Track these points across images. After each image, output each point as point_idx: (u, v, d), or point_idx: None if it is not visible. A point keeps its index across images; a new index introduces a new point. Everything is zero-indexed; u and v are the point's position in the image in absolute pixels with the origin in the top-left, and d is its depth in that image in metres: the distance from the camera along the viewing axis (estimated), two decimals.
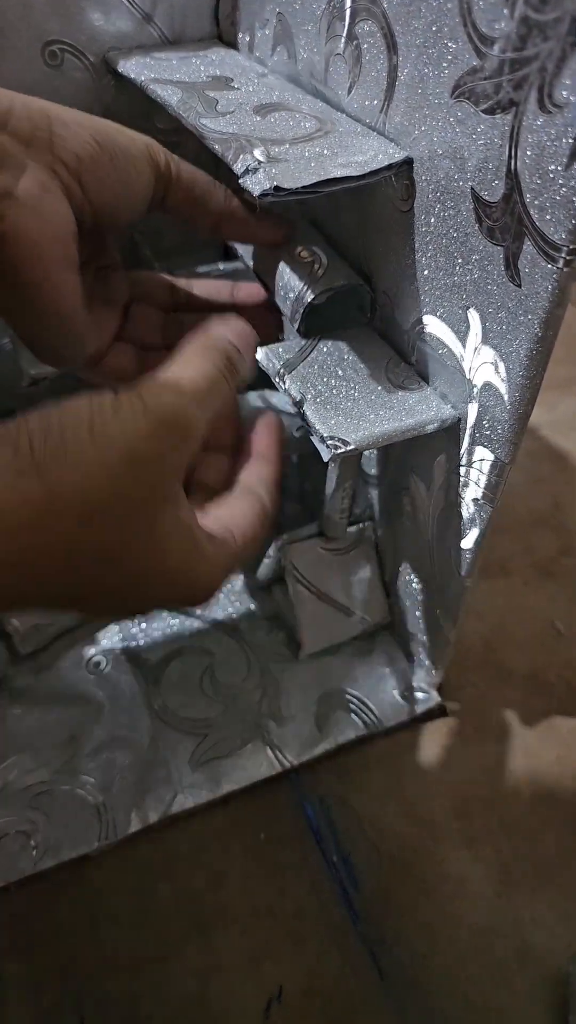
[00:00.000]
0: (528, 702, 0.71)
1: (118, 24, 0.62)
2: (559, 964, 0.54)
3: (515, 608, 0.79)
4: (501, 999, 0.53)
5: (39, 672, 0.71)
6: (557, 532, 0.88)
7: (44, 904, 0.57)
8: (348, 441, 0.48)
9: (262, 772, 0.65)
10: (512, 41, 0.36)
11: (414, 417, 0.51)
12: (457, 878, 0.59)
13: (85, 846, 0.60)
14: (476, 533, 0.55)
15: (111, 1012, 0.52)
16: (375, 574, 0.73)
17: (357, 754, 0.67)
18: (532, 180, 0.37)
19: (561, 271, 0.38)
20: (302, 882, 0.59)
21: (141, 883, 0.58)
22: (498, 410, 0.47)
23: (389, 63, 0.45)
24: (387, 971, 0.54)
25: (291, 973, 0.54)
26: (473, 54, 0.38)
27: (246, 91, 0.53)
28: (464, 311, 0.47)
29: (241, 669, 0.72)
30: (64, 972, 0.54)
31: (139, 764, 0.65)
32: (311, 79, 0.54)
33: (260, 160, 0.43)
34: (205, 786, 0.63)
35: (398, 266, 0.51)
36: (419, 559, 0.65)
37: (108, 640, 0.74)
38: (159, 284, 0.55)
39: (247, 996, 0.53)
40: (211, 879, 0.59)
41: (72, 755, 0.65)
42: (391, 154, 0.45)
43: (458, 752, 0.67)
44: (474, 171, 0.41)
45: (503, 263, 0.42)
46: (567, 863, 0.60)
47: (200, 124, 0.48)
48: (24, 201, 0.40)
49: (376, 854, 0.60)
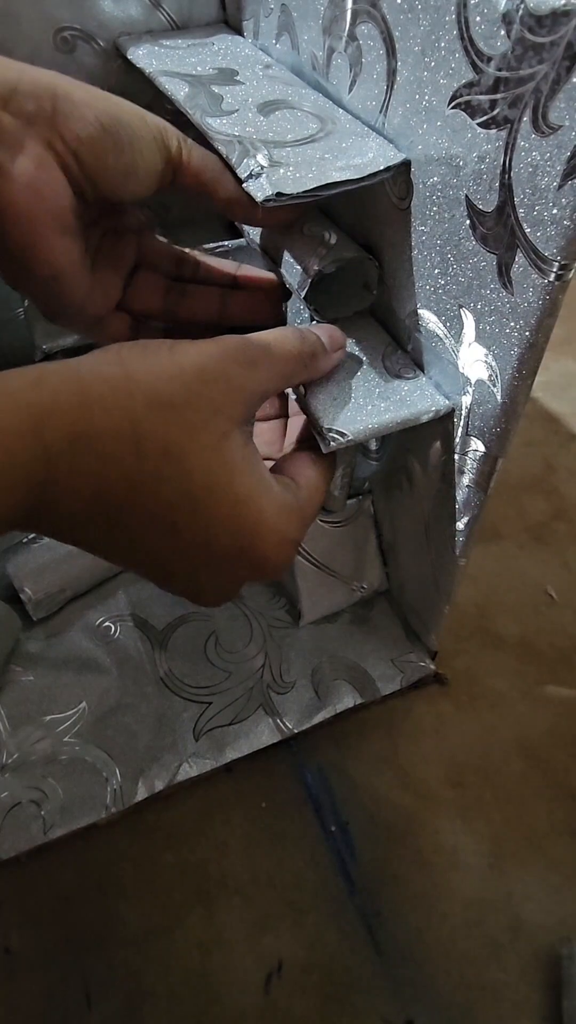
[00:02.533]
0: (521, 670, 0.66)
1: (128, 10, 0.59)
2: (550, 941, 0.51)
3: (507, 573, 0.74)
4: (495, 976, 0.49)
5: (49, 637, 0.67)
6: (549, 496, 0.82)
7: (52, 874, 0.54)
8: (346, 433, 0.45)
9: (264, 740, 0.61)
10: (508, 60, 0.33)
11: (409, 408, 0.48)
12: (450, 849, 0.55)
13: (94, 814, 0.56)
14: (469, 517, 0.52)
15: (116, 986, 0.49)
16: (373, 544, 0.68)
17: (354, 721, 0.63)
18: (525, 195, 0.35)
19: (552, 284, 0.35)
20: (301, 852, 0.55)
21: (147, 852, 0.55)
22: (490, 406, 0.44)
23: (388, 66, 0.41)
24: (383, 946, 0.51)
25: (290, 947, 0.51)
26: (470, 68, 0.35)
27: (251, 86, 0.50)
28: (458, 309, 0.44)
29: (244, 636, 0.68)
30: (71, 944, 0.51)
31: (146, 732, 0.61)
32: (313, 72, 0.50)
33: (263, 165, 0.41)
34: (209, 754, 0.60)
35: (395, 259, 0.48)
36: (415, 532, 0.61)
37: (117, 606, 0.69)
38: (166, 253, 0.51)
39: (248, 970, 0.50)
40: (214, 848, 0.55)
41: (82, 722, 0.61)
42: (390, 157, 0.42)
43: (452, 720, 0.63)
44: (469, 180, 0.38)
45: (496, 270, 0.39)
46: (557, 835, 0.56)
47: (205, 123, 0.45)
48: (18, 178, 0.38)
49: (372, 823, 0.57)
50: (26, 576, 0.65)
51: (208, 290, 0.51)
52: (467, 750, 0.61)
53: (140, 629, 0.68)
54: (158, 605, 0.70)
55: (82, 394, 0.33)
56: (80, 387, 0.33)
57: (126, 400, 0.34)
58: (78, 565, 0.67)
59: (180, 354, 0.36)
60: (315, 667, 0.65)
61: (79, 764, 0.59)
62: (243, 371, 0.38)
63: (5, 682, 0.63)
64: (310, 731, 0.61)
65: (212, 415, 0.36)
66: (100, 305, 0.47)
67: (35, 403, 0.32)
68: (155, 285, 0.51)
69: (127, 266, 0.49)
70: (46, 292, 0.44)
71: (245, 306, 0.52)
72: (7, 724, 0.61)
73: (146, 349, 0.36)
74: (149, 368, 0.35)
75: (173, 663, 0.65)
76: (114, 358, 0.35)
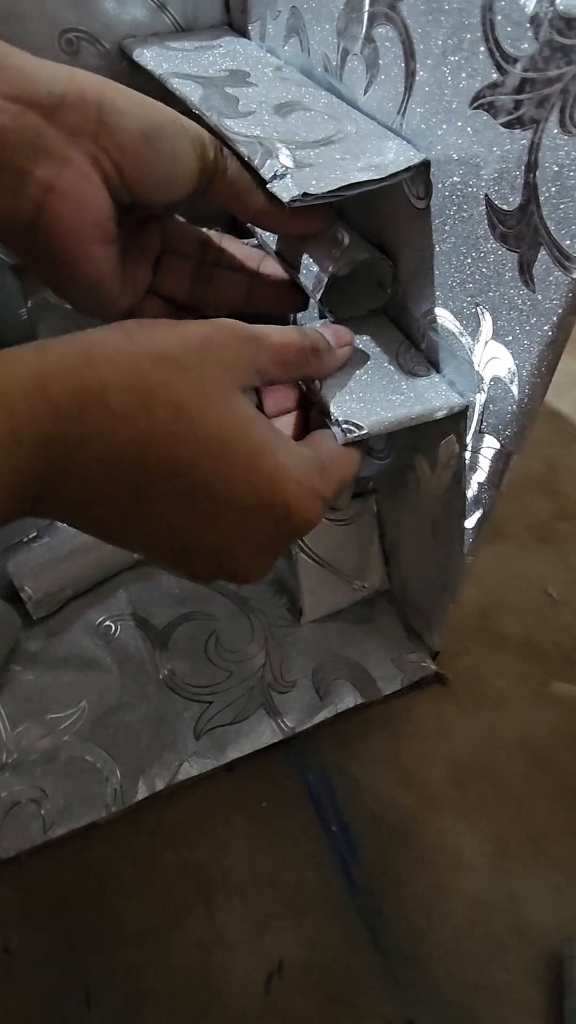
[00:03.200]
0: (523, 670, 0.66)
1: (133, 12, 0.59)
2: (554, 942, 0.51)
3: (510, 573, 0.75)
4: (498, 977, 0.50)
5: (50, 636, 0.67)
6: (551, 496, 0.83)
7: (52, 873, 0.54)
8: (362, 426, 0.46)
9: (264, 739, 0.61)
10: (535, 62, 0.33)
11: (424, 404, 0.48)
12: (453, 849, 0.55)
13: (94, 813, 0.56)
14: (480, 514, 0.53)
15: (115, 985, 0.49)
16: (376, 544, 0.69)
17: (356, 721, 0.63)
18: (551, 194, 0.35)
19: (575, 281, 0.36)
20: (303, 852, 0.55)
21: (147, 852, 0.55)
22: (506, 403, 0.45)
23: (407, 68, 0.42)
24: (385, 947, 0.51)
25: (291, 946, 0.51)
26: (494, 69, 0.36)
27: (263, 87, 0.51)
28: (475, 308, 0.44)
29: (245, 635, 0.68)
30: (71, 944, 0.51)
31: (146, 731, 0.61)
32: (324, 73, 0.51)
33: (287, 166, 0.41)
34: (210, 754, 0.60)
35: (412, 258, 0.48)
36: (421, 533, 0.61)
37: (117, 605, 0.70)
38: (192, 237, 0.52)
39: (248, 970, 0.50)
40: (214, 848, 0.55)
41: (82, 721, 0.61)
42: (410, 156, 0.42)
43: (454, 720, 0.63)
44: (489, 180, 0.39)
45: (517, 268, 0.39)
46: (560, 835, 0.56)
47: (224, 124, 0.45)
48: (64, 194, 0.39)
49: (374, 824, 0.57)
50: (26, 575, 0.66)
51: (235, 276, 0.52)
52: (470, 750, 0.61)
53: (141, 628, 0.68)
54: (158, 604, 0.70)
55: (86, 355, 0.34)
56: (84, 349, 0.34)
57: (132, 358, 0.35)
58: (78, 564, 0.67)
59: (183, 326, 0.38)
60: (316, 666, 0.65)
61: (79, 763, 0.59)
62: (244, 345, 0.39)
63: (5, 681, 0.64)
64: (311, 731, 0.62)
65: (220, 371, 0.37)
66: (132, 297, 0.48)
67: (39, 365, 0.32)
68: (182, 269, 0.51)
69: (155, 253, 0.50)
70: (86, 297, 0.45)
71: (272, 294, 0.52)
72: (7, 723, 0.61)
73: (150, 323, 0.37)
74: (153, 335, 0.37)
75: (174, 662, 0.66)
76: (117, 328, 0.36)
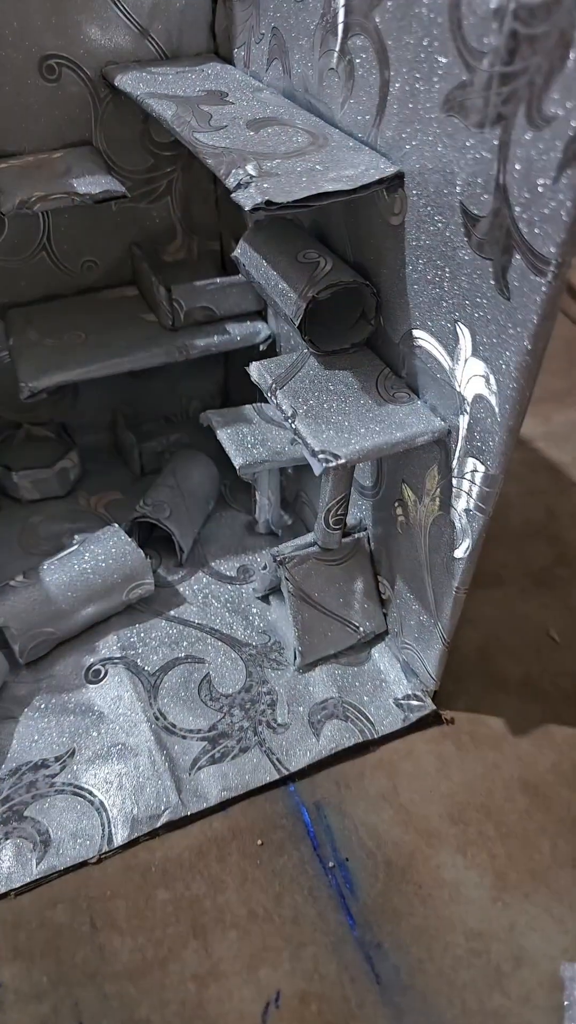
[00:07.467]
0: (522, 709, 0.70)
1: (115, 39, 0.62)
2: (554, 969, 0.53)
3: (509, 617, 0.79)
4: (497, 1002, 0.52)
5: (38, 680, 0.71)
6: (551, 543, 0.87)
7: (44, 910, 0.56)
8: (339, 455, 0.48)
9: (259, 779, 0.64)
10: (501, 55, 0.36)
11: (404, 430, 0.51)
12: (453, 883, 0.58)
13: (85, 853, 0.59)
14: (468, 543, 0.55)
15: (109, 1017, 0.52)
16: (370, 584, 0.73)
17: (353, 761, 0.66)
18: (521, 194, 0.37)
19: (550, 283, 0.38)
20: (299, 888, 0.58)
21: (140, 889, 0.58)
22: (489, 422, 0.47)
23: (381, 77, 0.45)
24: (384, 977, 0.54)
25: (288, 978, 0.53)
26: (463, 68, 0.39)
27: (240, 106, 0.54)
28: (453, 324, 0.47)
29: (239, 678, 0.72)
30: (63, 978, 0.53)
31: (138, 771, 0.64)
32: (305, 94, 0.54)
33: (252, 174, 0.43)
34: (203, 793, 0.63)
35: (389, 279, 0.52)
36: (413, 569, 0.65)
37: (107, 649, 0.73)
38: None
39: (244, 1001, 0.52)
40: (209, 885, 0.58)
41: (72, 762, 0.65)
42: (382, 168, 0.45)
43: (453, 759, 0.67)
44: (463, 185, 0.41)
45: (492, 277, 0.42)
46: (561, 867, 0.59)
47: (194, 138, 0.48)
48: None
49: (372, 860, 0.60)
50: (12, 617, 0.70)
51: None
52: (469, 788, 0.64)
53: (131, 671, 0.72)
54: (149, 648, 0.74)
55: None
56: None
57: None
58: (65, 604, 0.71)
59: None
60: (312, 707, 0.69)
61: (70, 803, 0.62)
62: None
63: None
64: (308, 770, 0.65)
65: None
66: None
67: None
68: None
69: None
70: None
71: None
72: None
73: None
74: None
75: (165, 705, 0.69)
76: None
